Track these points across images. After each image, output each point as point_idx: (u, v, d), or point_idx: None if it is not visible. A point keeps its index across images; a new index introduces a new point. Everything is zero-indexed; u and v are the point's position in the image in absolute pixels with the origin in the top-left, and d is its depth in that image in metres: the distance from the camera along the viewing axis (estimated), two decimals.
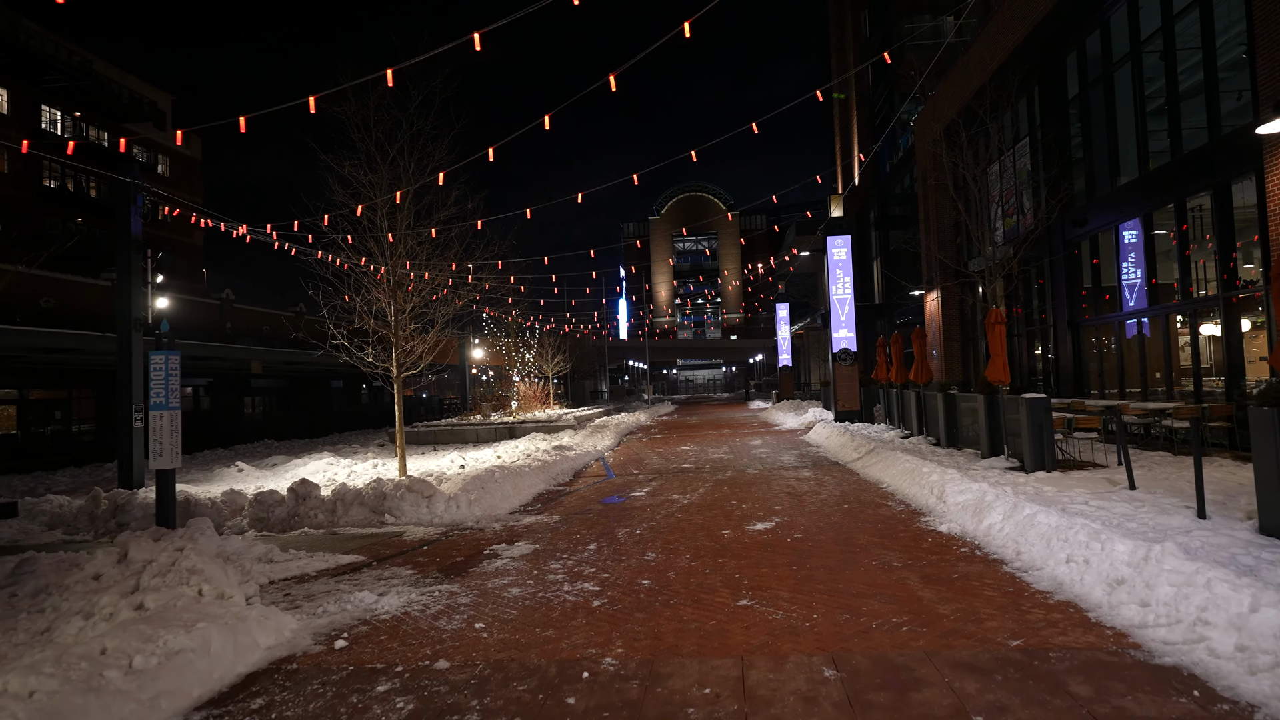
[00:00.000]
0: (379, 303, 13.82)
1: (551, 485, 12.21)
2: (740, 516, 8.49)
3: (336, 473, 14.72)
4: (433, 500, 9.33)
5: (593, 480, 12.70)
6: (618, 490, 11.23)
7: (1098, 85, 15.19)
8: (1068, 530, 5.65)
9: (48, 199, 39.54)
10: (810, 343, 48.99)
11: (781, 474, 12.02)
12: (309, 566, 6.99)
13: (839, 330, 22.67)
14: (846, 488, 10.25)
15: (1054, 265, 17.04)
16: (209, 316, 30.22)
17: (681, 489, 10.94)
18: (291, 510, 9.50)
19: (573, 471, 14.03)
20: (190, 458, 21.76)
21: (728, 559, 6.49)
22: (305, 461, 16.68)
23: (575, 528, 8.37)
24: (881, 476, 10.76)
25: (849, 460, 13.16)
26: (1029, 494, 8.02)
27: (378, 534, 8.67)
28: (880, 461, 11.66)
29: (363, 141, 13.47)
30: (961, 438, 13.81)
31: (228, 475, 15.60)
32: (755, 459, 14.49)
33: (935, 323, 23.99)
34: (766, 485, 10.84)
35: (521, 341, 29.22)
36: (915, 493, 9.02)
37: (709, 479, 11.87)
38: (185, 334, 26.02)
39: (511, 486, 10.63)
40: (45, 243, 37.81)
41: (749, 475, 12.09)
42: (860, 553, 6.43)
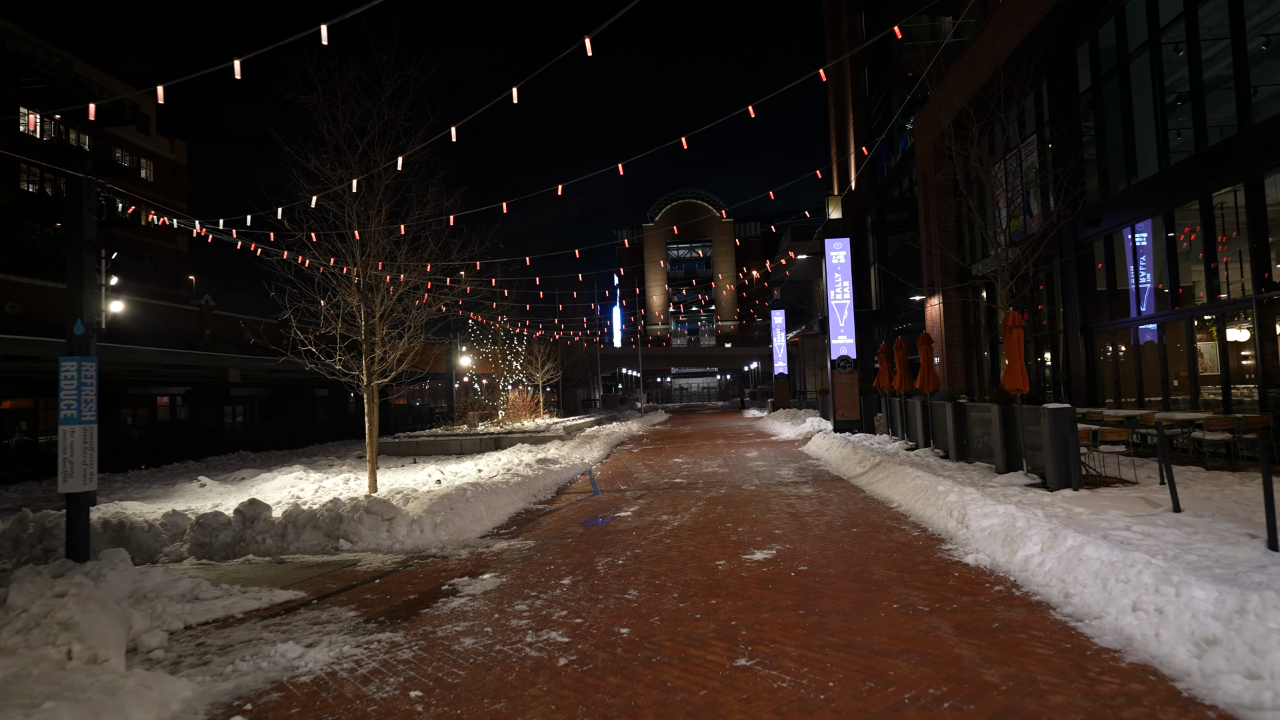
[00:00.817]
0: (349, 305, 12.90)
1: (531, 503, 11.25)
2: (736, 543, 7.55)
3: (303, 488, 13.73)
4: (394, 523, 8.37)
5: (577, 497, 11.75)
6: (602, 509, 10.28)
7: (1112, 78, 14.38)
8: (1127, 568, 4.73)
9: (25, 203, 38.46)
10: (806, 350, 48.16)
11: (781, 491, 11.09)
12: (237, 606, 6.02)
13: (838, 337, 21.80)
14: (853, 507, 9.32)
15: (1064, 268, 16.19)
16: (187, 323, 29.21)
17: (672, 508, 10.00)
18: (237, 534, 8.53)
19: (556, 487, 13.07)
20: (157, 471, 20.73)
21: (722, 599, 5.55)
22: (274, 475, 15.68)
23: (550, 556, 7.42)
24: (890, 494, 9.84)
25: (853, 475, 12.24)
26: (1061, 517, 7.11)
27: (329, 563, 7.70)
28: (888, 477, 10.74)
29: (331, 134, 12.58)
30: (972, 450, 12.92)
31: (188, 491, 14.60)
32: (751, 473, 13.57)
33: (937, 328, 23.15)
34: (765, 504, 9.91)
35: (509, 349, 28.25)
36: (931, 514, 8.10)
37: (702, 496, 10.93)
38: (161, 341, 25.05)
39: (485, 506, 9.67)
40: (22, 247, 36.81)
41: (745, 492, 11.15)
42: (877, 591, 5.50)
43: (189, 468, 21.30)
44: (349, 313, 12.92)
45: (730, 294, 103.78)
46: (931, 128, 22.23)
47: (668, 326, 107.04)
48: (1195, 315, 12.26)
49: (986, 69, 15.85)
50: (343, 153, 12.58)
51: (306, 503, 12.21)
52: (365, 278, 12.73)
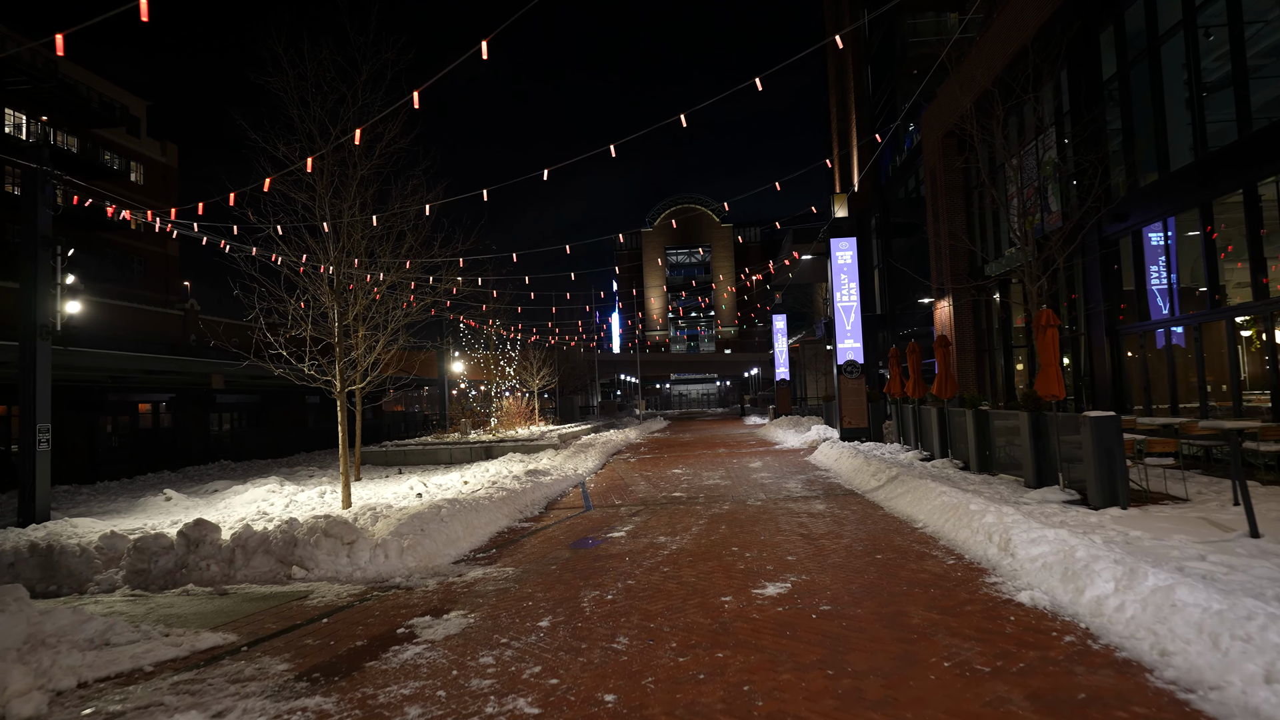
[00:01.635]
0: (321, 305, 11.94)
1: (516, 521, 10.25)
2: (744, 572, 6.55)
3: (274, 503, 12.74)
4: (355, 548, 7.38)
5: (566, 513, 10.76)
6: (593, 529, 9.29)
7: (1140, 62, 13.45)
8: (1242, 621, 3.76)
9: (10, 205, 37.55)
10: (807, 356, 47.24)
11: (790, 507, 10.09)
12: (151, 655, 5.03)
13: (844, 340, 20.85)
14: (873, 528, 8.33)
15: (1087, 267, 15.23)
16: (171, 328, 28.24)
17: (670, 527, 9.00)
18: (179, 560, 7.54)
19: (545, 501, 12.08)
20: (130, 482, 19.73)
21: (731, 651, 4.56)
22: (247, 488, 14.68)
23: (530, 588, 6.42)
24: (913, 512, 8.84)
25: (867, 489, 11.25)
26: (1119, 543, 6.13)
27: (277, 595, 6.71)
28: (907, 492, 9.75)
29: (302, 120, 11.64)
30: (996, 461, 11.94)
31: (152, 505, 13.59)
32: (756, 486, 12.58)
33: (947, 332, 22.17)
34: (773, 523, 8.91)
35: (501, 354, 27.26)
36: (965, 538, 7.11)
37: (703, 513, 9.94)
38: (144, 346, 24.05)
39: (462, 526, 8.67)
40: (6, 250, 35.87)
41: (751, 508, 10.16)
42: (920, 641, 4.52)
43: (164, 478, 20.29)
44: (321, 312, 11.97)
45: (730, 299, 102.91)
46: (941, 123, 21.33)
47: (667, 332, 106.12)
48: (1238, 314, 11.30)
49: (1014, 43, 14.81)
50: (314, 140, 11.64)
51: (274, 518, 11.22)
52: (338, 275, 11.78)
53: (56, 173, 13.33)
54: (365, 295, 12.17)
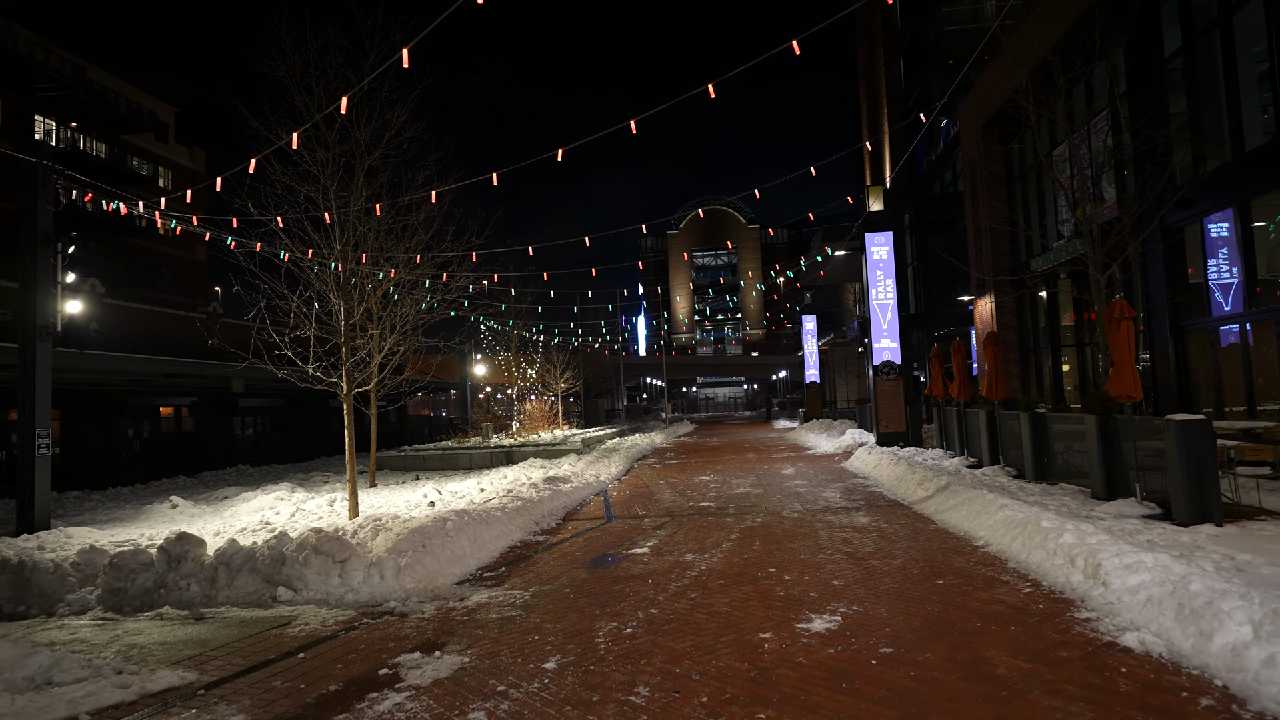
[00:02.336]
0: (329, 302, 11.29)
1: (531, 533, 9.46)
2: (785, 600, 5.69)
3: (280, 511, 12.11)
4: (347, 567, 6.63)
5: (586, 525, 9.95)
6: (614, 544, 8.47)
7: (1209, 34, 12.35)
8: None
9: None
10: (837, 358, 46.07)
11: (830, 519, 9.18)
12: (92, 700, 4.31)
13: (880, 340, 19.83)
14: (927, 545, 7.40)
15: (1148, 258, 14.10)
16: (193, 331, 27.98)
17: (698, 543, 8.15)
18: (159, 579, 6.85)
19: (564, 511, 11.28)
20: (144, 487, 19.32)
21: (776, 712, 3.70)
22: (257, 494, 14.11)
23: (538, 617, 5.62)
24: (971, 528, 7.89)
25: (914, 500, 10.29)
26: (1228, 569, 5.17)
27: (257, 621, 5.98)
28: (961, 504, 8.80)
29: (307, 108, 11.00)
30: (1054, 469, 10.92)
31: (156, 513, 13.05)
32: (791, 494, 11.67)
33: (988, 331, 21.03)
34: (813, 539, 8.02)
35: (523, 356, 26.58)
36: (1039, 561, 6.16)
37: (735, 526, 9.07)
38: (167, 350, 23.76)
39: (470, 540, 7.90)
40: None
41: (787, 521, 9.27)
42: (1014, 701, 3.63)
43: (180, 484, 19.86)
44: (327, 310, 11.32)
45: (757, 301, 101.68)
46: (982, 112, 20.26)
47: (693, 335, 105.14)
48: None
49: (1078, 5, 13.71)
50: (320, 129, 11.00)
51: (277, 528, 10.56)
52: (346, 270, 11.11)
53: (58, 168, 12.86)
54: (373, 293, 11.50)
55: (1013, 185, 20.63)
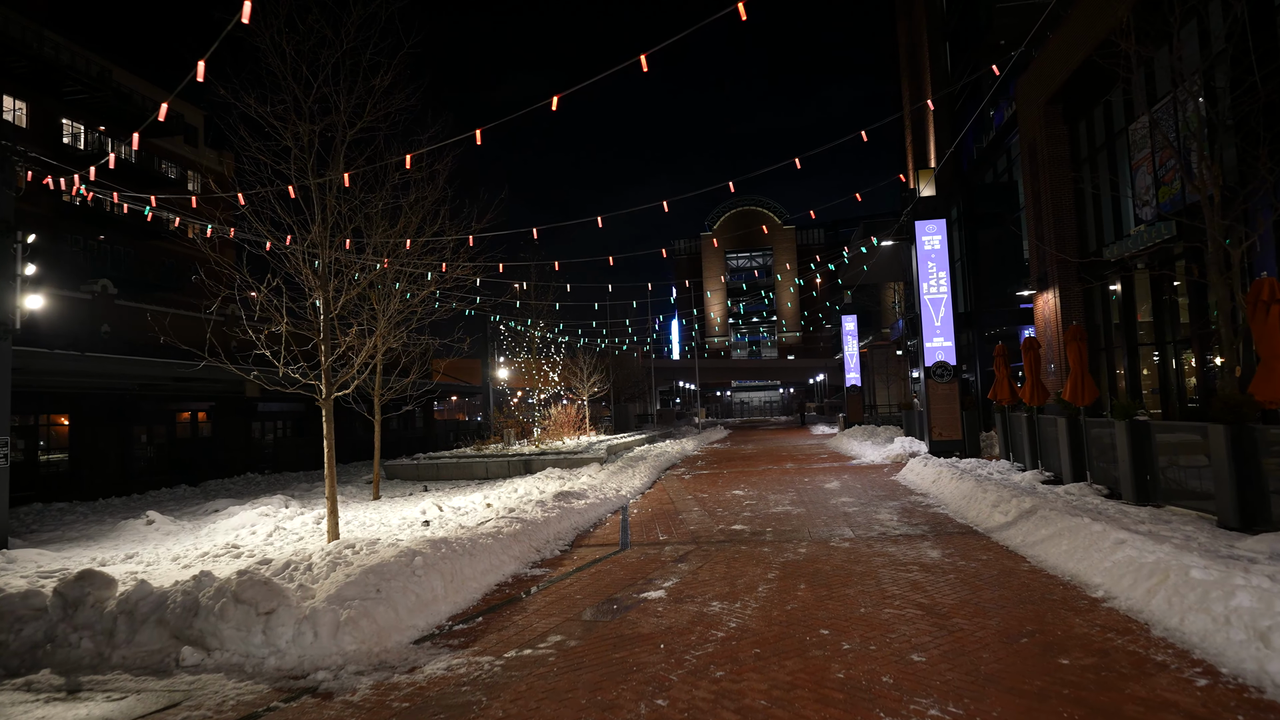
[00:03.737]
0: (308, 293, 9.93)
1: (529, 564, 7.92)
2: (847, 690, 4.05)
3: (258, 530, 10.77)
4: (274, 621, 5.15)
5: (596, 553, 8.38)
6: (625, 582, 6.88)
7: None
8: None
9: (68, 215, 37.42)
10: (877, 361, 43.99)
11: (891, 553, 7.48)
12: None
13: (933, 339, 17.96)
14: (1027, 595, 5.68)
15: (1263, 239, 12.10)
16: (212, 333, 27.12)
17: (728, 584, 6.53)
18: (49, 630, 5.46)
19: (574, 533, 9.73)
20: (140, 498, 18.24)
21: None
22: (245, 509, 12.82)
23: (501, 710, 4.07)
24: (1080, 570, 6.13)
25: (991, 526, 8.51)
26: None
27: (142, 697, 4.53)
28: (1057, 535, 7.03)
29: (283, 74, 9.64)
30: (1159, 489, 9.06)
31: (129, 530, 11.79)
32: (839, 516, 9.96)
33: (1051, 329, 19.05)
34: (873, 581, 6.35)
35: (545, 359, 25.14)
36: (1200, 629, 4.43)
37: (773, 560, 7.42)
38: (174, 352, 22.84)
39: (444, 579, 6.38)
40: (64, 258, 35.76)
41: (837, 554, 7.59)
42: None
43: (179, 494, 18.77)
44: (302, 305, 9.95)
45: (793, 303, 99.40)
46: (1044, 87, 18.31)
47: (727, 338, 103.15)
48: None
49: None
50: (297, 97, 9.63)
51: (245, 552, 9.20)
52: (325, 257, 9.72)
53: (19, 149, 11.72)
54: (355, 284, 10.10)
55: (1078, 167, 18.64)
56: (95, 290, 23.59)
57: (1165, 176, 14.94)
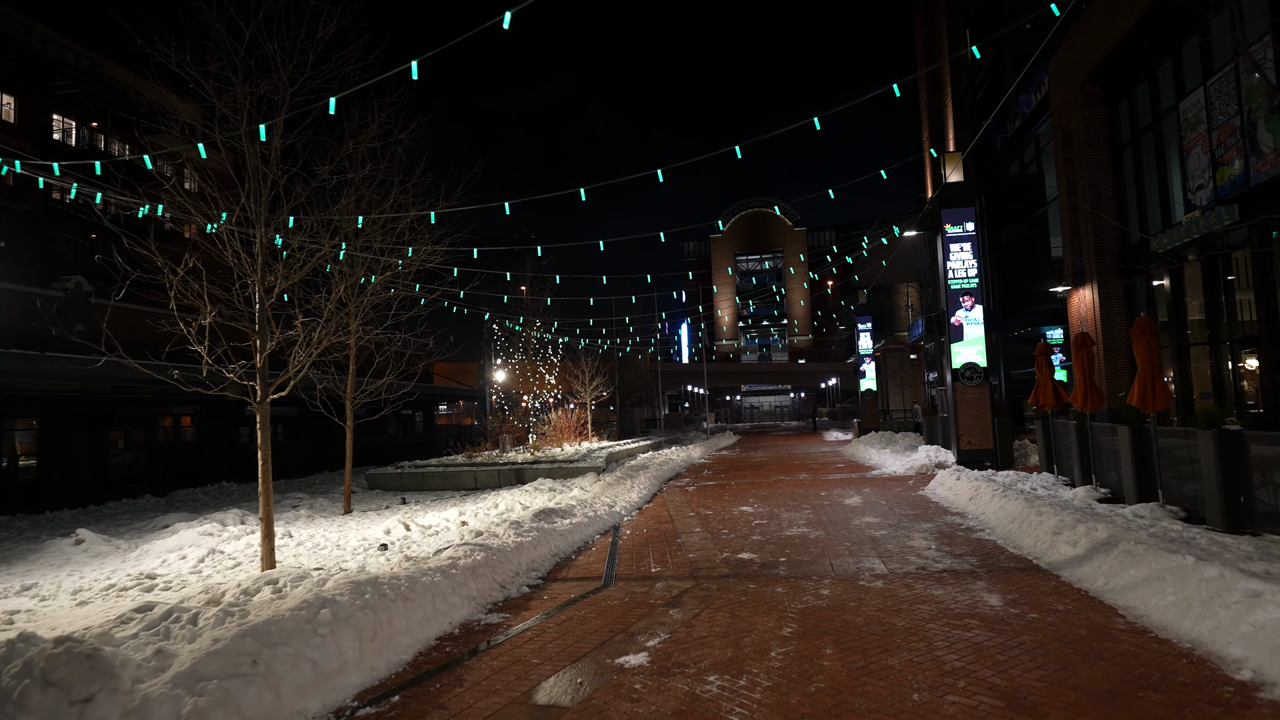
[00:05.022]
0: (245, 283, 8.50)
1: (485, 608, 6.41)
2: None
3: (187, 556, 9.31)
4: (90, 712, 3.68)
5: (572, 590, 6.88)
6: (600, 637, 5.38)
7: None
8: None
9: (55, 213, 36.32)
10: (891, 365, 42.37)
11: (937, 598, 5.94)
12: None
13: (961, 338, 16.38)
14: (1144, 676, 4.13)
15: None
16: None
17: (730, 648, 5.02)
18: None
19: (552, 562, 8.23)
20: (97, 510, 16.86)
21: None
22: (193, 525, 11.41)
23: None
24: (1203, 634, 4.57)
25: (1057, 560, 6.94)
26: None
27: None
28: (1154, 578, 5.48)
29: (218, 27, 8.24)
30: (1254, 514, 7.48)
31: (50, 552, 10.35)
32: (865, 541, 8.42)
33: (1089, 329, 17.43)
34: (924, 646, 4.82)
35: (542, 361, 23.67)
36: None
37: (789, 606, 5.90)
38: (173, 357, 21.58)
39: (361, 638, 4.89)
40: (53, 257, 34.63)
41: (869, 597, 6.06)
42: None
43: (144, 505, 17.40)
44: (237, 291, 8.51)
45: (804, 307, 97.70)
46: (1082, 64, 16.73)
47: (736, 342, 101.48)
48: None
49: None
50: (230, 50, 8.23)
51: (160, 584, 7.77)
52: (260, 236, 8.29)
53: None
54: (299, 270, 8.66)
55: (1118, 152, 17.05)
56: (69, 287, 22.28)
57: (1224, 156, 13.36)
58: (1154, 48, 14.91)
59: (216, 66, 8.25)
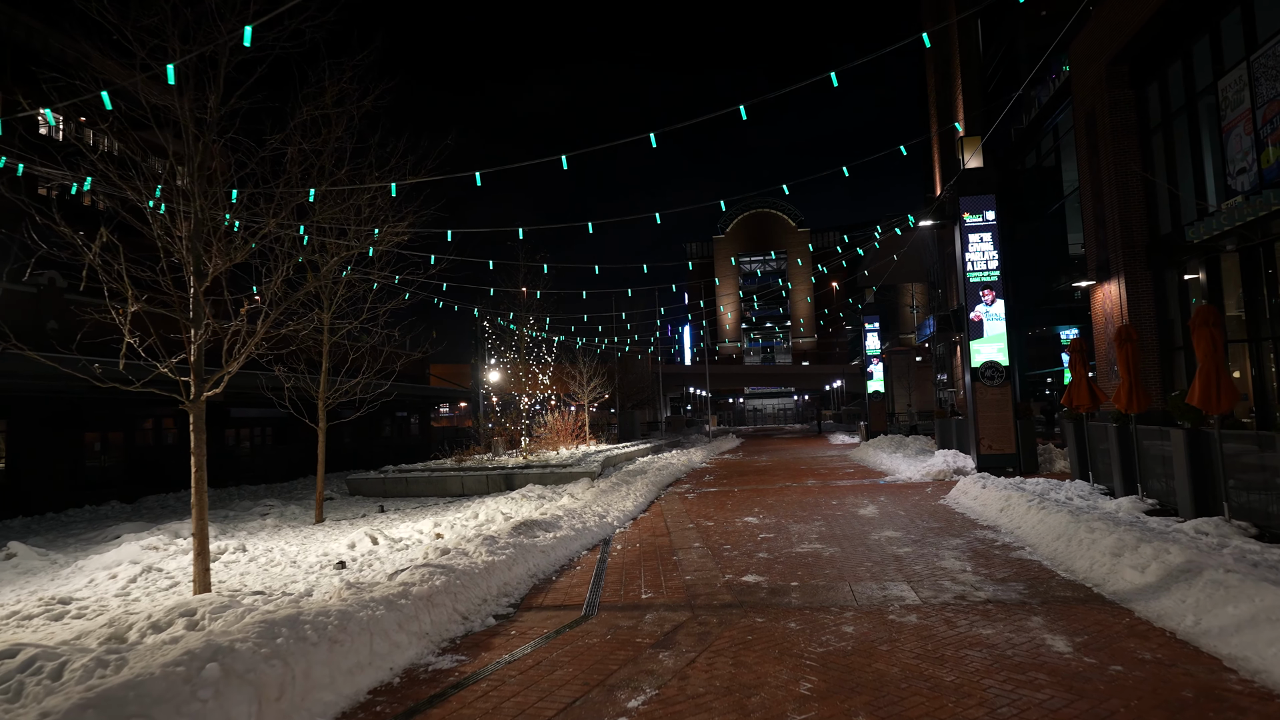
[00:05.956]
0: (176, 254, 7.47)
1: (438, 648, 5.32)
2: None
3: (118, 575, 8.27)
4: None
5: (547, 623, 5.80)
6: (570, 693, 4.29)
7: None
8: None
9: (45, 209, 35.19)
10: (897, 367, 41.29)
11: (987, 639, 4.84)
12: None
13: (981, 334, 15.28)
14: None
15: None
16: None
17: (735, 712, 3.92)
18: None
19: (529, 583, 7.15)
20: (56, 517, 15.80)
21: None
22: (143, 536, 10.36)
23: None
24: None
25: (1122, 589, 5.83)
26: None
27: None
28: (1258, 618, 4.41)
29: None
30: None
31: None
32: (888, 561, 7.32)
33: (1114, 325, 16.30)
34: (984, 709, 3.72)
35: (535, 360, 22.60)
36: None
37: (806, 652, 4.82)
38: None
39: (253, 702, 3.81)
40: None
41: (903, 639, 4.96)
42: None
43: (104, 513, 16.35)
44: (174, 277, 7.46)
45: (808, 308, 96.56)
46: (1107, 45, 15.64)
47: (740, 343, 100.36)
48: None
49: None
50: None
51: (74, 609, 6.71)
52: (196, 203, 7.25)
53: None
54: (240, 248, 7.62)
55: (1147, 138, 15.96)
56: (42, 283, 21.26)
57: (1271, 136, 12.25)
58: (1190, 23, 13.84)
59: (151, 20, 7.24)
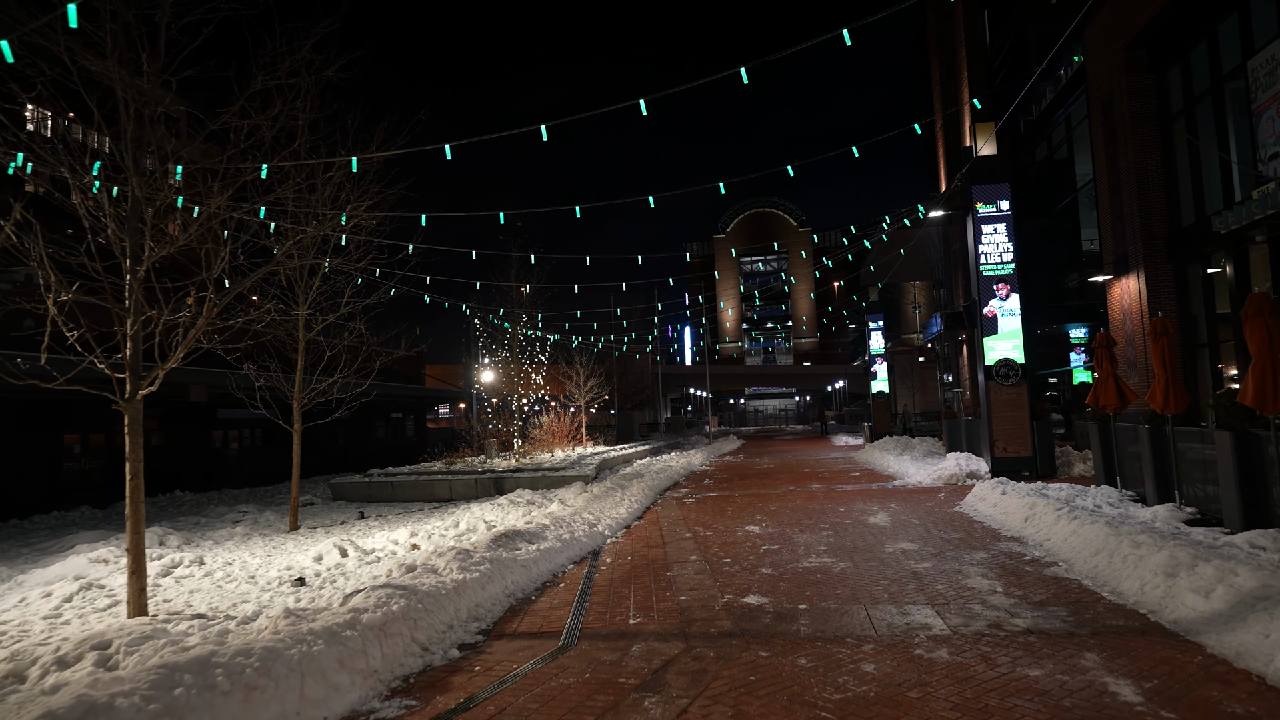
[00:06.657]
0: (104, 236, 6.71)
1: (386, 689, 4.54)
2: None
3: (52, 594, 7.50)
4: None
5: (518, 656, 5.02)
6: None
7: None
8: None
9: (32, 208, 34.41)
10: (900, 367, 40.56)
11: (1038, 685, 4.05)
12: None
13: (995, 330, 14.49)
14: None
15: None
16: None
17: None
18: None
19: (506, 603, 6.38)
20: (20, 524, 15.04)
21: None
22: (96, 547, 9.59)
23: None
24: None
25: (1182, 616, 5.04)
26: None
27: None
28: None
29: None
30: None
31: None
32: (907, 578, 6.54)
33: (1133, 321, 15.55)
34: None
35: (528, 359, 21.82)
36: None
37: (820, 696, 4.02)
38: None
39: None
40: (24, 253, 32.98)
41: (935, 681, 4.18)
42: None
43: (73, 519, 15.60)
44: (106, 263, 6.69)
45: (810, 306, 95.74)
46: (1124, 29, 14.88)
47: (741, 344, 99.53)
48: None
49: None
50: None
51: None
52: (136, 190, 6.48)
53: None
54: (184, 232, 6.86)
55: (1168, 125, 15.19)
56: (18, 280, 20.51)
57: None
58: (1215, 2, 13.08)
59: None
